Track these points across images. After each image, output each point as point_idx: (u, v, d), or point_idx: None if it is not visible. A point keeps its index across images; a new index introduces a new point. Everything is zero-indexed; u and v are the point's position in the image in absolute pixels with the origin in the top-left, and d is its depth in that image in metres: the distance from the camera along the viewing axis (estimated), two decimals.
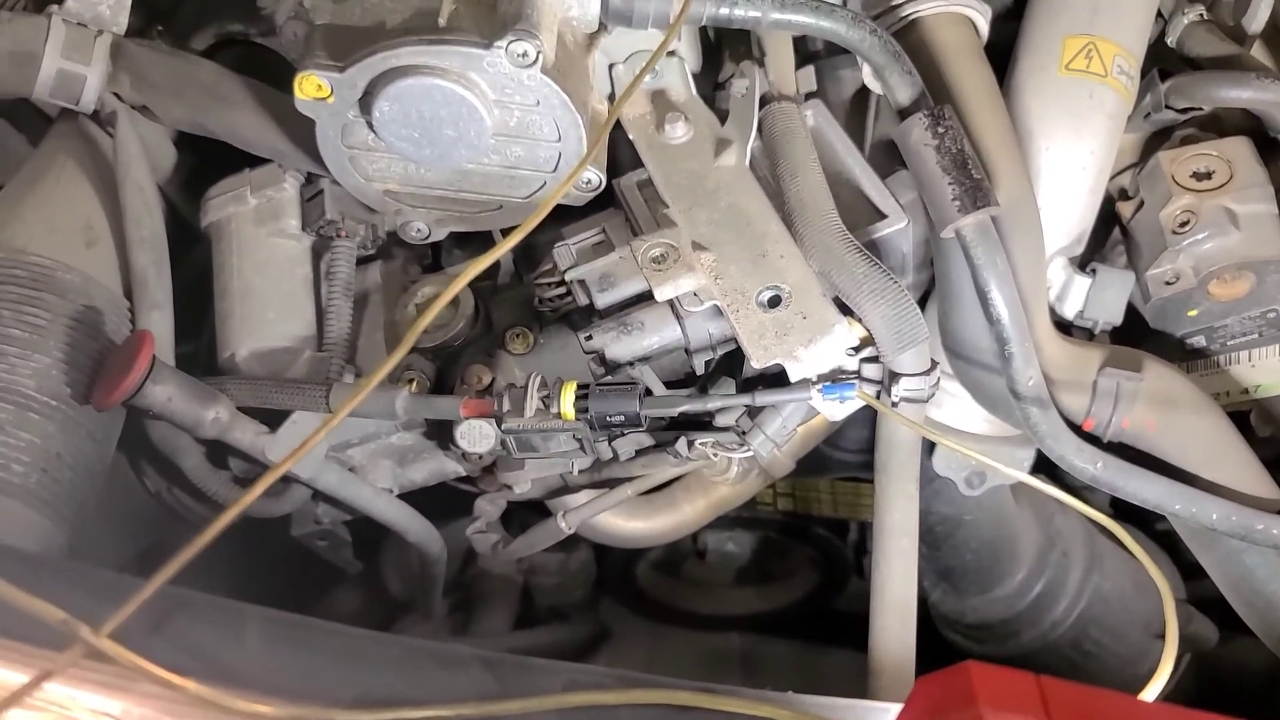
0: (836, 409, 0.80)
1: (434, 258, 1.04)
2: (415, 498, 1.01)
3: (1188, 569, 1.16)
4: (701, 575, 1.55)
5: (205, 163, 1.00)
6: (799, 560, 1.51)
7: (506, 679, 0.52)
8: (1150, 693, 0.60)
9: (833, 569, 1.46)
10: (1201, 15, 0.98)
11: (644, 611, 1.53)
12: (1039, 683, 0.46)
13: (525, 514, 1.13)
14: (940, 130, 0.81)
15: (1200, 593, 1.15)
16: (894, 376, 0.79)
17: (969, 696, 0.44)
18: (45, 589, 0.46)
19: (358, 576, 1.25)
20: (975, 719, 0.43)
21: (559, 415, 0.80)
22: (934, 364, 0.80)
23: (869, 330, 0.79)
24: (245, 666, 0.49)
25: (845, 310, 0.81)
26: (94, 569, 0.58)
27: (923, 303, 0.96)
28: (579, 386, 0.80)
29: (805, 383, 0.79)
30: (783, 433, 0.85)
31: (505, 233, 0.95)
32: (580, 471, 0.96)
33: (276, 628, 0.55)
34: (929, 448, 0.99)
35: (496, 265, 0.97)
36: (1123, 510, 1.26)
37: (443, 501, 1.04)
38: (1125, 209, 0.99)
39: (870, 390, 0.79)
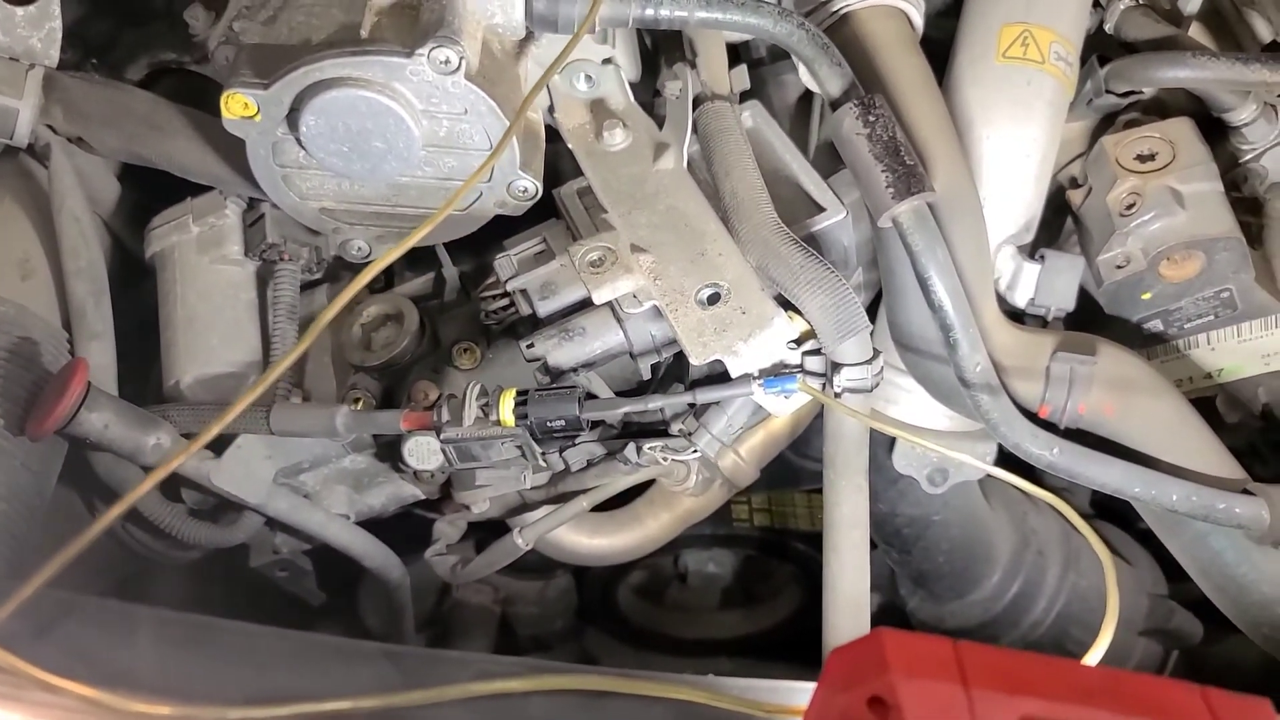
0: (781, 404, 0.79)
1: (385, 280, 1.03)
2: (386, 533, 1.00)
3: (1174, 569, 1.14)
4: (685, 600, 1.53)
5: (149, 195, 0.99)
6: (782, 579, 1.49)
7: (412, 671, 0.51)
8: (1092, 658, 0.58)
9: (816, 585, 1.43)
10: (1138, 0, 0.98)
11: (628, 639, 1.50)
12: (955, 647, 0.44)
13: (491, 539, 1.11)
14: (871, 119, 0.80)
15: (1187, 594, 1.13)
16: (836, 367, 0.78)
17: (882, 664, 0.42)
18: None
19: (336, 612, 1.23)
20: (888, 686, 0.42)
21: (498, 422, 0.78)
22: (877, 353, 0.79)
23: (809, 321, 0.78)
24: (138, 668, 0.48)
25: (786, 305, 0.80)
26: None
27: (875, 304, 0.95)
28: (518, 393, 0.79)
29: (747, 378, 0.78)
30: (729, 431, 0.84)
31: (450, 247, 0.95)
32: (535, 487, 0.95)
33: (169, 628, 0.53)
34: (888, 447, 0.98)
35: (443, 282, 0.97)
36: (1106, 510, 1.25)
37: (412, 539, 1.03)
38: (1075, 197, 0.98)
39: (813, 382, 0.78)
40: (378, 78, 0.77)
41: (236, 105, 0.79)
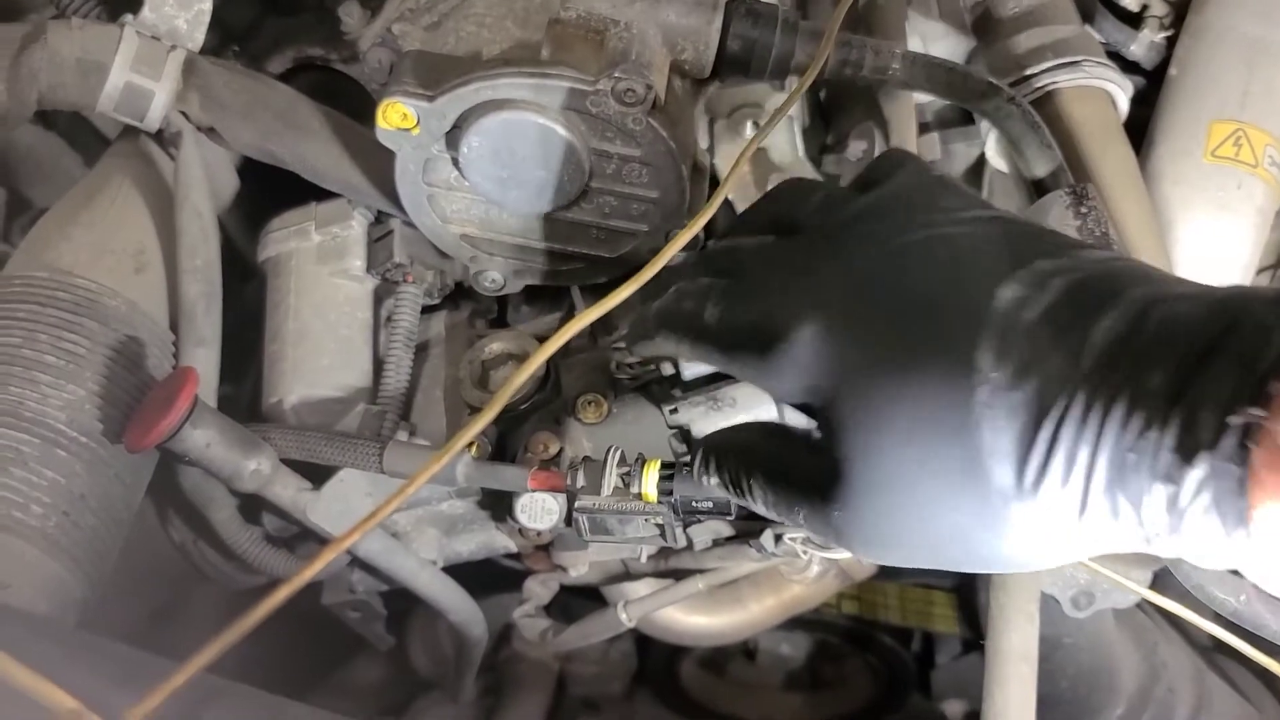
0: None
1: (500, 313, 0.96)
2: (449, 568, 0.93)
3: None
4: (749, 677, 1.44)
5: (268, 196, 0.93)
6: (854, 667, 1.40)
7: None
8: None
9: (893, 680, 1.35)
10: None
11: (682, 710, 1.42)
12: None
13: (567, 597, 1.04)
14: (1083, 210, 0.73)
15: None
16: None
17: None
18: (54, 667, 0.38)
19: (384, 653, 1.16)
20: None
21: (639, 496, 0.71)
22: None
23: None
24: None
25: None
26: (114, 644, 0.49)
27: None
28: (663, 465, 0.72)
29: None
30: None
31: (586, 291, 0.88)
32: (647, 558, 0.87)
33: None
34: None
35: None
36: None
37: (480, 578, 0.95)
38: None
39: None
40: (554, 103, 0.71)
41: (395, 115, 0.73)
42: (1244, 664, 1.11)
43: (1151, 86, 0.94)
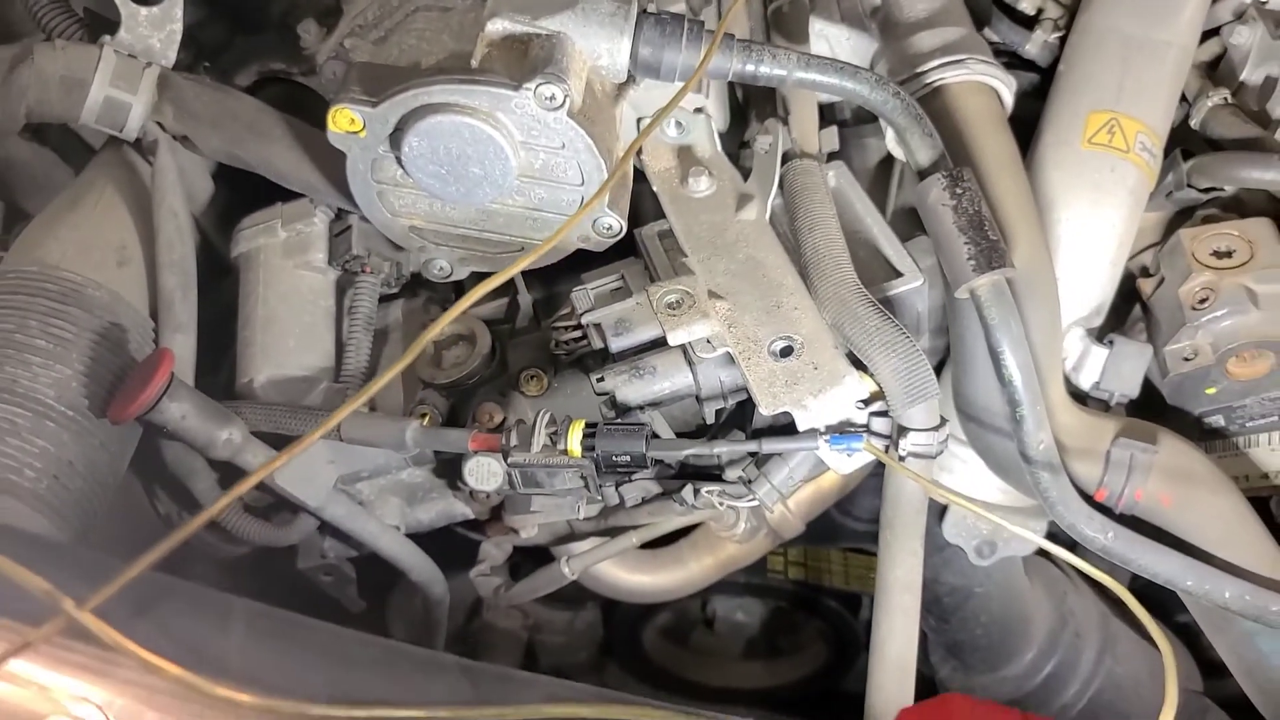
0: (844, 461, 0.80)
1: (457, 300, 1.05)
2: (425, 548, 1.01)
3: (1207, 667, 1.14)
4: (709, 645, 1.53)
5: (239, 198, 1.02)
6: (809, 634, 1.49)
7: (484, 687, 0.52)
8: None
9: (843, 644, 1.44)
10: (1226, 99, 0.99)
11: (649, 679, 1.50)
12: (1024, 719, 0.45)
13: (530, 568, 1.12)
14: (958, 191, 0.81)
15: (1220, 692, 1.12)
16: (902, 431, 0.79)
17: None
18: (31, 563, 0.47)
19: (362, 620, 1.25)
20: None
21: (565, 452, 0.80)
22: (943, 420, 0.80)
23: (879, 384, 0.79)
24: (226, 655, 0.49)
25: (857, 365, 0.81)
26: (80, 549, 0.58)
27: (939, 369, 0.96)
28: (587, 424, 0.81)
29: (813, 432, 0.79)
30: (789, 483, 0.85)
31: (524, 275, 0.97)
32: (586, 518, 0.96)
33: (260, 620, 0.55)
34: (938, 515, 0.98)
35: (516, 308, 0.99)
36: (1140, 599, 1.24)
37: (448, 555, 1.04)
38: (1146, 285, 0.99)
39: (878, 443, 0.79)
40: (483, 106, 0.80)
41: (343, 120, 0.82)
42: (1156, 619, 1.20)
43: (1047, 83, 1.02)
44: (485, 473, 0.86)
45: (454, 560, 1.05)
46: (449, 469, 0.95)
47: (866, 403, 0.80)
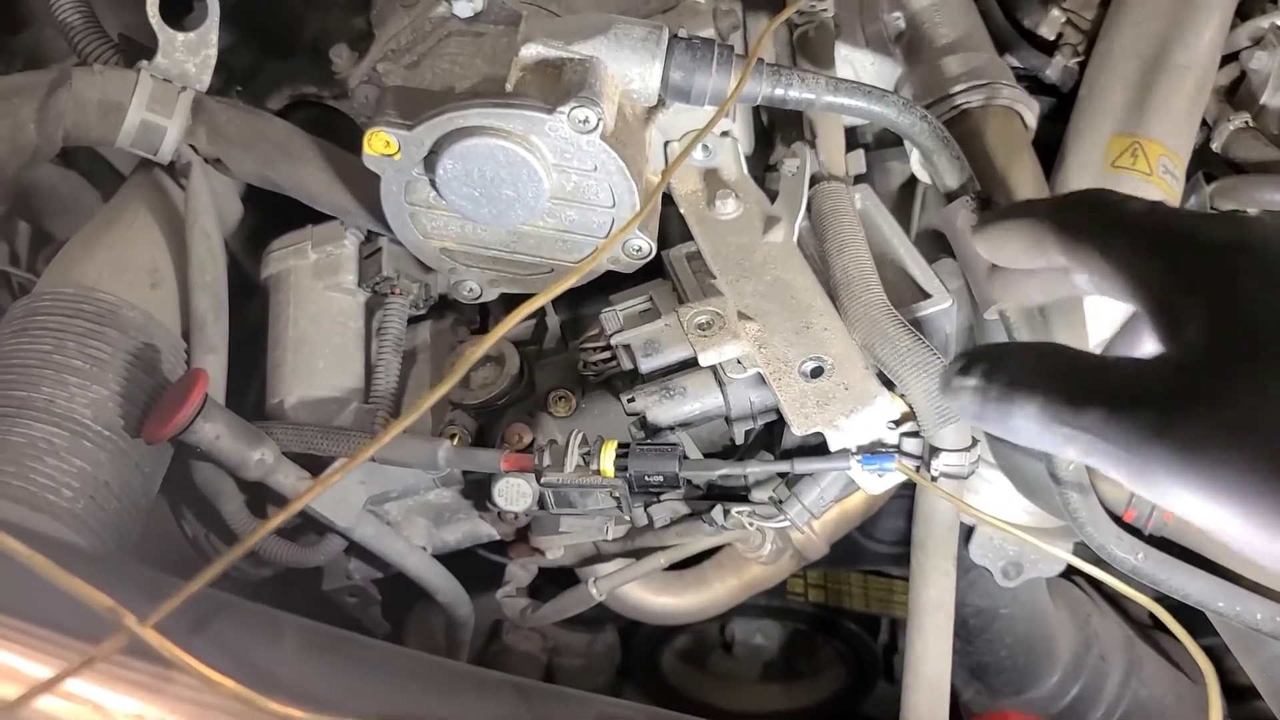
0: (875, 482, 0.80)
1: (482, 322, 1.06)
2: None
3: (1231, 691, 1.13)
4: (727, 669, 1.53)
5: (269, 221, 1.03)
6: (828, 657, 1.49)
7: (538, 706, 0.52)
8: None
9: (862, 668, 1.43)
10: (1247, 122, 1.00)
11: (666, 702, 1.49)
12: None
13: (550, 590, 1.12)
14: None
15: (1245, 715, 1.12)
16: (934, 452, 0.79)
17: None
18: (92, 578, 0.47)
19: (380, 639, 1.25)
20: None
21: (598, 472, 0.80)
22: (975, 441, 0.80)
23: (910, 404, 0.80)
24: (280, 671, 0.50)
25: (888, 385, 0.81)
26: (139, 566, 0.58)
27: None
28: (619, 445, 0.81)
29: (845, 453, 0.79)
30: (820, 503, 0.85)
31: (557, 296, 0.98)
32: (614, 539, 0.96)
33: (312, 636, 0.55)
34: (965, 537, 0.98)
35: (543, 329, 1.00)
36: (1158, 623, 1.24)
37: (470, 576, 1.04)
38: None
39: (910, 464, 0.79)
40: (517, 130, 0.81)
41: (378, 142, 0.83)
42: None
43: (1069, 106, 1.04)
44: (515, 493, 0.86)
45: (470, 582, 1.05)
46: (476, 490, 0.96)
47: (897, 423, 0.80)
